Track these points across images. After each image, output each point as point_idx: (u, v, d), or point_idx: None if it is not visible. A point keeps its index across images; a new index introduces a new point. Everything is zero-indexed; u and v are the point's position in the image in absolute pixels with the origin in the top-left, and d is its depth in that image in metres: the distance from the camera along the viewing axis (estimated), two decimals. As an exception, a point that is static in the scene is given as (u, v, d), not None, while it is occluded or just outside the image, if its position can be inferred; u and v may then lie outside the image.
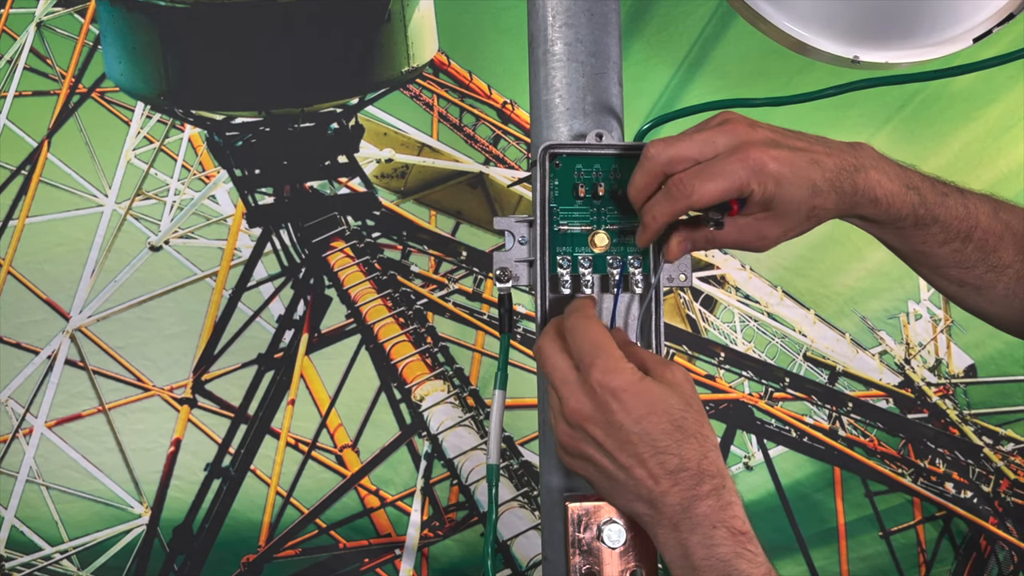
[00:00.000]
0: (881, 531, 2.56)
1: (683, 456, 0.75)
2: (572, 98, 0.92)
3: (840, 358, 2.58)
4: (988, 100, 2.49)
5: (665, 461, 0.75)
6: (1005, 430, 2.58)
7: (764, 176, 0.80)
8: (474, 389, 2.43)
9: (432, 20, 2.46)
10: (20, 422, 2.32)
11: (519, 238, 0.89)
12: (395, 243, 2.47)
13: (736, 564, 0.73)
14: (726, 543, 0.73)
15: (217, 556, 2.33)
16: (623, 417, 0.76)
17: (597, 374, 0.77)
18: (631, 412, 0.76)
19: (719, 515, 0.74)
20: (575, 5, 0.93)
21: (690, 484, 0.75)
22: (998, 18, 1.17)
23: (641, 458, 0.76)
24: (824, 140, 0.86)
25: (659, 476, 0.76)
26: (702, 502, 0.75)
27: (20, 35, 2.41)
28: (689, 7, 2.43)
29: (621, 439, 0.76)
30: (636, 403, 0.76)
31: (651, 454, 0.76)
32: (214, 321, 2.38)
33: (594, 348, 0.79)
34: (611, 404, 0.76)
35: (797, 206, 0.83)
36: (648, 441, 0.76)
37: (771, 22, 1.16)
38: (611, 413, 0.77)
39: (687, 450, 0.76)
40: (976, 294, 0.95)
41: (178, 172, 2.45)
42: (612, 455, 0.77)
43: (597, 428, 0.77)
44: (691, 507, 0.75)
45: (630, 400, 0.76)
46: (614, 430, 0.77)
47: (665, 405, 0.76)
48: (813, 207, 0.83)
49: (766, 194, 0.81)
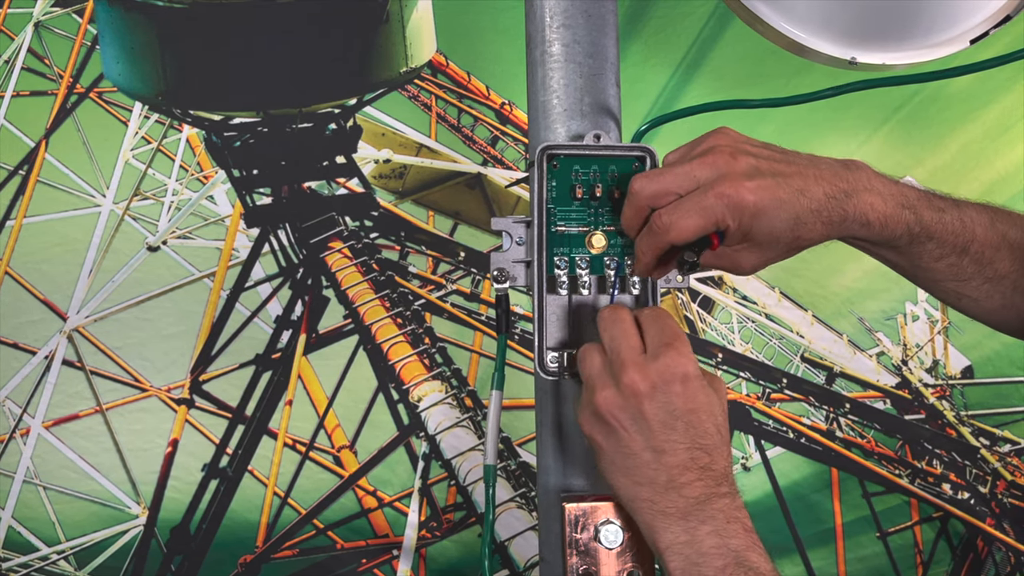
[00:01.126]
0: (878, 532, 2.56)
1: (714, 458, 0.78)
2: (570, 99, 0.93)
3: (837, 359, 2.58)
4: (986, 101, 2.49)
5: (698, 457, 0.78)
6: (1002, 431, 2.58)
7: (741, 210, 0.80)
8: (472, 390, 2.43)
9: (430, 21, 2.46)
10: (17, 422, 2.32)
11: (516, 239, 0.89)
12: (393, 243, 2.47)
13: (747, 555, 0.75)
14: (739, 536, 0.76)
15: (214, 557, 2.32)
16: (680, 402, 0.78)
17: (672, 355, 0.78)
18: (690, 401, 0.78)
19: (734, 513, 0.77)
20: (572, 6, 0.93)
21: (712, 483, 0.78)
22: (995, 19, 1.17)
23: (675, 447, 0.78)
24: (816, 162, 0.85)
25: (686, 469, 0.78)
26: (720, 500, 0.77)
27: (18, 35, 2.41)
28: (687, 8, 2.43)
29: (666, 423, 0.78)
30: (698, 395, 0.79)
31: (687, 447, 0.78)
32: (212, 321, 2.38)
33: (674, 335, 0.80)
34: (675, 387, 0.78)
35: (777, 237, 0.83)
36: (692, 434, 0.78)
37: (769, 23, 1.16)
38: (672, 395, 0.78)
39: (718, 455, 0.79)
40: (975, 305, 0.95)
41: (176, 172, 2.45)
42: (651, 433, 0.78)
43: (648, 404, 0.78)
44: (708, 502, 0.77)
45: (693, 391, 0.79)
46: (663, 411, 0.78)
47: (715, 408, 0.80)
48: (796, 237, 0.84)
49: (743, 227, 0.82)
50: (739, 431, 2.54)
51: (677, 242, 0.82)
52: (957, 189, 0.93)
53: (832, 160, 0.86)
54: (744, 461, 2.54)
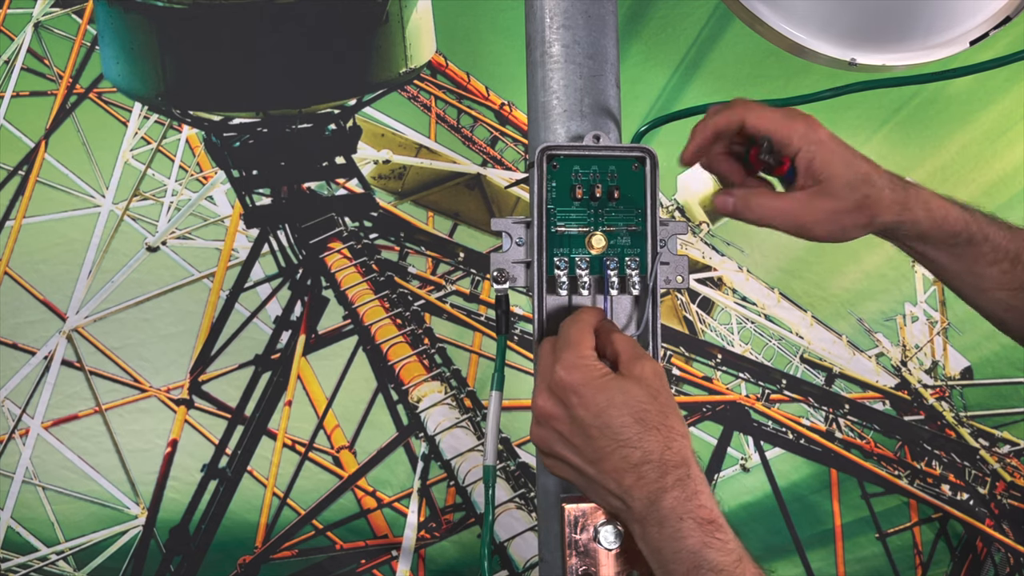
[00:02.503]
0: (877, 533, 2.56)
1: (645, 449, 0.75)
2: (569, 100, 0.92)
3: (837, 360, 2.58)
4: (985, 103, 2.49)
5: (628, 455, 0.75)
6: (1001, 432, 2.59)
7: (813, 141, 0.85)
8: (471, 390, 2.43)
9: (430, 21, 2.46)
10: (16, 423, 2.32)
11: (516, 239, 0.89)
12: (392, 244, 2.47)
13: (704, 554, 0.73)
14: (694, 535, 0.73)
15: (213, 557, 2.32)
16: (583, 412, 0.77)
17: (559, 370, 0.78)
18: (590, 407, 0.76)
19: (685, 506, 0.74)
20: (572, 7, 0.93)
21: (654, 477, 0.75)
22: (995, 21, 1.17)
23: (605, 452, 0.76)
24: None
25: (623, 470, 0.75)
26: (667, 495, 0.74)
27: (17, 35, 2.41)
28: (687, 9, 2.43)
29: (584, 434, 0.77)
30: (596, 398, 0.76)
31: (613, 448, 0.76)
32: (211, 322, 2.38)
33: (565, 345, 0.80)
34: (571, 399, 0.77)
35: (846, 185, 0.86)
36: (609, 435, 0.76)
37: (768, 24, 1.16)
38: (572, 408, 0.77)
39: (649, 442, 0.75)
40: (1022, 318, 0.96)
41: (175, 173, 2.45)
42: (579, 450, 0.78)
43: (562, 424, 0.78)
44: (657, 501, 0.75)
45: (589, 395, 0.77)
46: (576, 425, 0.77)
47: (625, 398, 0.76)
48: (866, 195, 0.87)
49: (811, 158, 0.85)
50: (738, 432, 2.54)
51: (748, 126, 0.86)
52: (957, 190, 0.94)
53: None
54: (743, 462, 2.54)
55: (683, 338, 2.56)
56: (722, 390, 2.54)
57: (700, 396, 2.53)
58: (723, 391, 2.54)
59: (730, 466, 2.53)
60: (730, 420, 2.53)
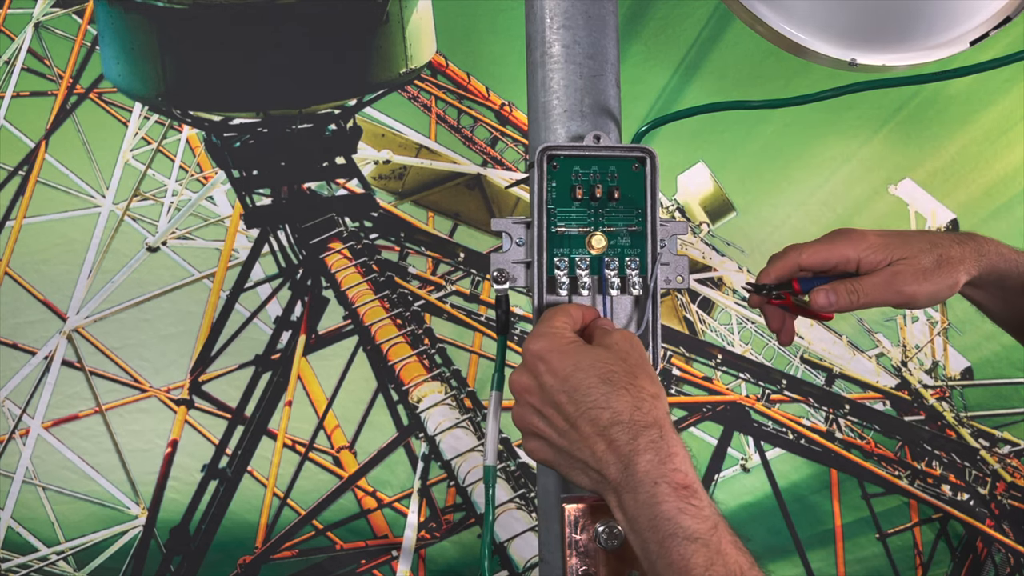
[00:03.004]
0: (878, 533, 2.56)
1: (614, 409, 0.74)
2: (570, 100, 0.92)
3: (837, 360, 2.58)
4: (985, 103, 2.49)
5: (597, 416, 0.74)
6: (1002, 432, 2.58)
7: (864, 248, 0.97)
8: (471, 390, 2.43)
9: (430, 22, 2.46)
10: (17, 423, 2.32)
11: (516, 239, 0.89)
12: (393, 244, 2.47)
13: (679, 520, 0.71)
14: (668, 499, 0.71)
15: (213, 557, 2.32)
16: (549, 378, 0.76)
17: (528, 342, 0.79)
18: (557, 372, 0.76)
19: (659, 470, 0.72)
20: (573, 7, 0.93)
21: (626, 439, 0.73)
22: (995, 21, 1.17)
23: (572, 418, 0.75)
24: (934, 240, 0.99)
25: (593, 435, 0.74)
26: (640, 457, 0.73)
27: (18, 36, 2.41)
28: (687, 9, 2.43)
29: (553, 402, 0.76)
30: (561, 362, 0.76)
31: (581, 411, 0.75)
32: (211, 322, 2.38)
33: (538, 322, 0.81)
34: (539, 367, 0.77)
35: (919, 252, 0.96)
36: (576, 398, 0.75)
37: (768, 24, 1.16)
38: (539, 375, 0.77)
39: (617, 402, 0.74)
40: None
41: (176, 173, 2.45)
42: (550, 421, 0.77)
43: (533, 396, 0.78)
44: (631, 464, 0.73)
45: (555, 360, 0.77)
46: (545, 393, 0.77)
47: (591, 360, 0.76)
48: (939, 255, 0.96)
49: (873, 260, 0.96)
50: (739, 432, 2.54)
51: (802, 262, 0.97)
52: (957, 190, 0.94)
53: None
54: (744, 462, 2.54)
55: (683, 338, 2.56)
56: (722, 390, 2.54)
57: (700, 396, 2.53)
58: (723, 391, 2.54)
59: (730, 466, 2.53)
60: (730, 420, 2.53)
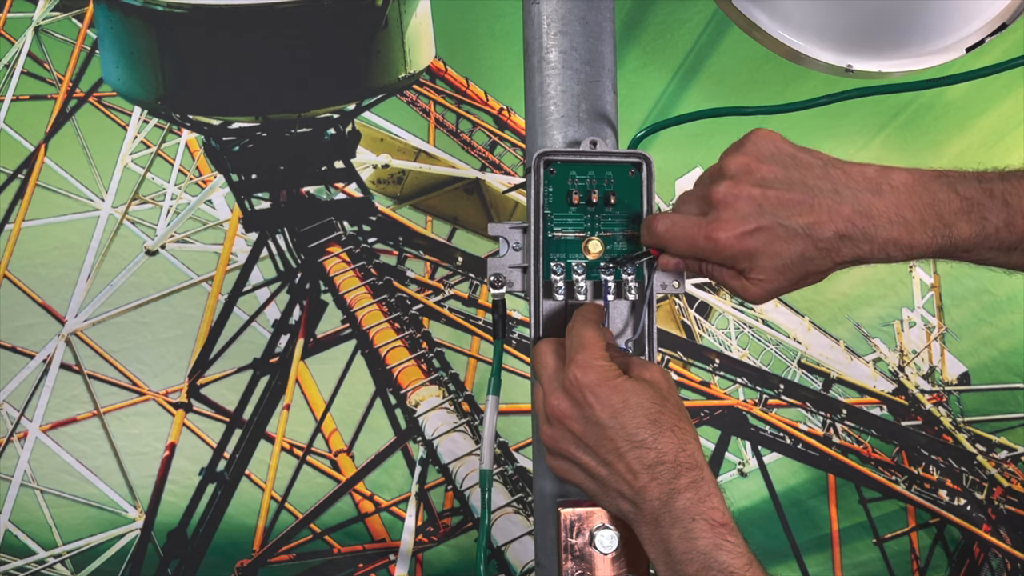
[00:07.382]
0: (875, 538, 2.56)
1: (660, 450, 0.76)
2: (567, 105, 0.93)
3: (834, 365, 2.58)
4: (982, 109, 2.50)
5: (643, 455, 0.76)
6: (999, 437, 2.59)
7: (731, 257, 0.81)
8: (469, 395, 2.43)
9: (429, 26, 2.46)
10: (15, 426, 2.32)
11: (513, 244, 0.90)
12: (391, 248, 2.48)
13: (716, 556, 0.73)
14: (705, 535, 0.74)
15: (211, 561, 2.32)
16: (599, 412, 0.77)
17: (574, 370, 0.79)
18: (606, 407, 0.77)
19: (698, 508, 0.75)
20: (570, 13, 0.93)
21: (668, 478, 0.76)
22: (991, 28, 1.17)
23: (619, 452, 0.77)
24: (839, 191, 0.80)
25: (638, 471, 0.76)
26: (681, 496, 0.75)
27: (18, 39, 2.41)
28: (684, 15, 2.44)
29: (599, 434, 0.78)
30: (611, 398, 0.77)
31: (628, 448, 0.76)
32: (210, 325, 2.38)
33: (579, 346, 0.80)
34: (587, 398, 0.78)
35: (780, 273, 0.82)
36: (624, 435, 0.77)
37: (766, 31, 1.17)
38: (587, 408, 0.78)
39: (664, 443, 0.76)
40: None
41: (175, 177, 2.45)
42: (592, 450, 0.78)
43: (576, 424, 0.79)
44: (670, 501, 0.75)
45: (605, 395, 0.77)
46: (591, 425, 0.78)
47: (640, 399, 0.77)
48: (805, 273, 0.83)
49: (737, 268, 0.82)
50: (736, 437, 2.54)
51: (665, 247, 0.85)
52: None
53: (862, 182, 0.80)
54: (741, 467, 2.54)
55: (681, 343, 2.56)
56: (720, 395, 2.54)
57: (698, 401, 2.53)
58: (721, 396, 2.54)
59: (728, 471, 2.53)
60: (728, 425, 2.53)
